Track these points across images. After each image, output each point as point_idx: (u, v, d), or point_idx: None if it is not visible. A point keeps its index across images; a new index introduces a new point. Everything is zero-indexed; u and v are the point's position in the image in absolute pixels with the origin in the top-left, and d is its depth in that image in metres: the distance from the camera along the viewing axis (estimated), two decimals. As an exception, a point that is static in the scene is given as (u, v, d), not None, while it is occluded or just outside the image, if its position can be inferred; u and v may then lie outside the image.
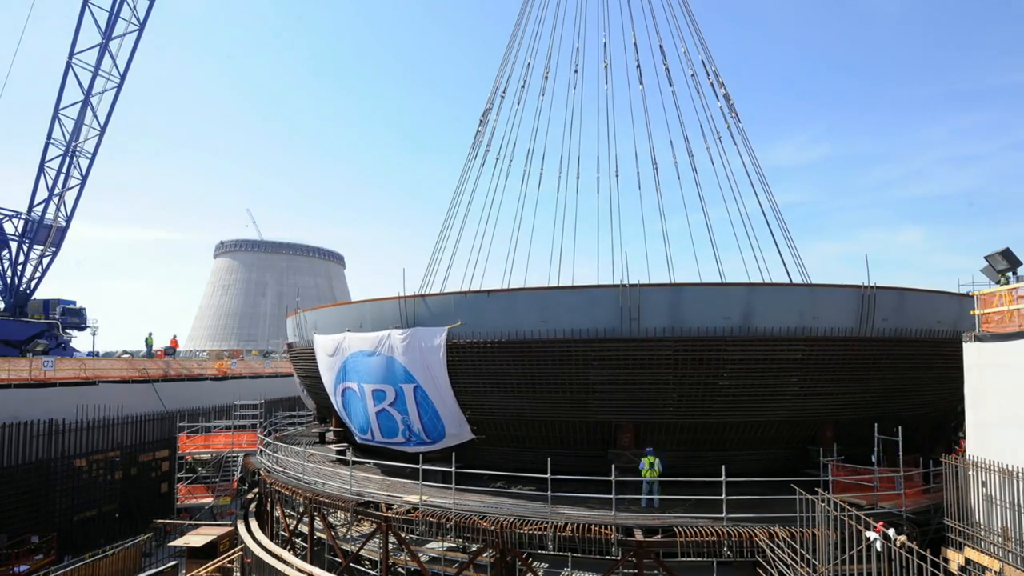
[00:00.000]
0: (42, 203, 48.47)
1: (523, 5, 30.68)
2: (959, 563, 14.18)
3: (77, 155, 47.92)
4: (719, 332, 18.14)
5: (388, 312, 21.28)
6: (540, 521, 15.90)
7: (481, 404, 20.32)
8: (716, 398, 18.80)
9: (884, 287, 19.59)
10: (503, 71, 31.03)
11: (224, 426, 39.28)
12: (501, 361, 19.46)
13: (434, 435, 21.08)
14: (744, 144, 28.90)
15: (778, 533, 14.09)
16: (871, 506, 15.85)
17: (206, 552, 27.28)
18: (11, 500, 29.86)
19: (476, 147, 31.15)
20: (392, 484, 19.90)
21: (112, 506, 35.05)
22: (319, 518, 20.27)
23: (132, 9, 45.85)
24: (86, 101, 46.78)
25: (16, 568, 27.87)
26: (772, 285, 23.80)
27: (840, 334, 18.84)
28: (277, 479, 22.04)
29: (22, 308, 49.25)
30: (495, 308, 19.90)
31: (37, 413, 32.07)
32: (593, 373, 18.73)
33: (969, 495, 14.59)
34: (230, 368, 52.88)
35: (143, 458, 37.81)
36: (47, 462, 31.87)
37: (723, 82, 29.31)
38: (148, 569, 28.49)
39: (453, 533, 16.55)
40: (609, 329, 18.44)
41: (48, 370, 35.91)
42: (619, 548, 15.28)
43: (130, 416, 37.12)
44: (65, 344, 51.62)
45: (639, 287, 18.48)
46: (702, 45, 29.29)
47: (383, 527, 18.03)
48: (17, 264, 48.64)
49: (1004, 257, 17.94)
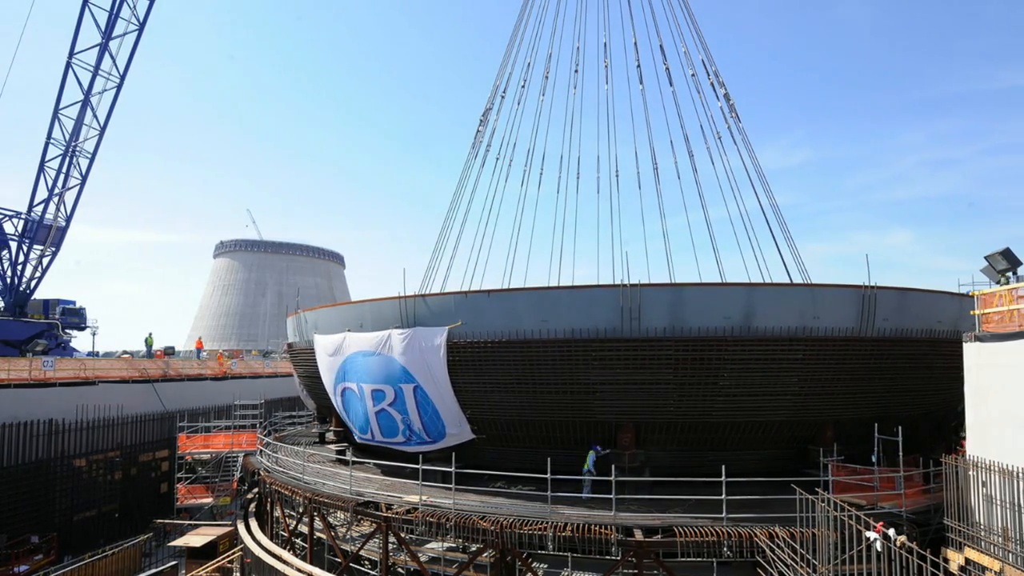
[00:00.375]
0: (42, 203, 48.46)
1: (523, 5, 30.70)
2: (959, 563, 14.17)
3: (77, 155, 47.90)
4: (719, 332, 18.13)
5: (388, 312, 21.27)
6: (540, 521, 15.90)
7: (481, 404, 20.32)
8: (716, 398, 18.79)
9: (885, 287, 19.58)
10: (503, 71, 31.06)
11: (224, 426, 39.25)
12: (501, 361, 19.45)
13: (434, 435, 21.08)
14: (744, 144, 28.94)
15: (778, 533, 14.09)
16: (871, 506, 15.85)
17: (206, 552, 27.27)
18: (11, 500, 29.85)
19: (476, 147, 31.16)
20: (392, 484, 19.90)
21: (112, 506, 35.05)
22: (319, 518, 20.26)
23: (132, 9, 45.81)
24: (86, 101, 46.75)
25: (16, 568, 27.86)
26: (772, 285, 23.80)
27: (841, 334, 18.83)
28: (277, 479, 22.03)
29: (22, 308, 49.22)
30: (495, 308, 19.89)
31: (37, 413, 32.06)
32: (593, 373, 18.72)
33: (969, 495, 14.58)
34: (230, 368, 52.86)
35: (143, 458, 37.81)
36: (47, 462, 31.86)
37: (723, 82, 29.34)
38: (148, 569, 28.48)
39: (453, 533, 16.55)
40: (609, 329, 18.44)
41: (48, 370, 35.90)
42: (619, 548, 15.29)
43: (130, 416, 37.12)
44: (65, 344, 51.61)
45: (639, 287, 18.47)
46: (702, 45, 29.32)
47: (383, 527, 18.02)
48: (17, 264, 48.63)
49: (1004, 257, 17.92)
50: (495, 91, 31.10)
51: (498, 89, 31.03)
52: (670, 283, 22.64)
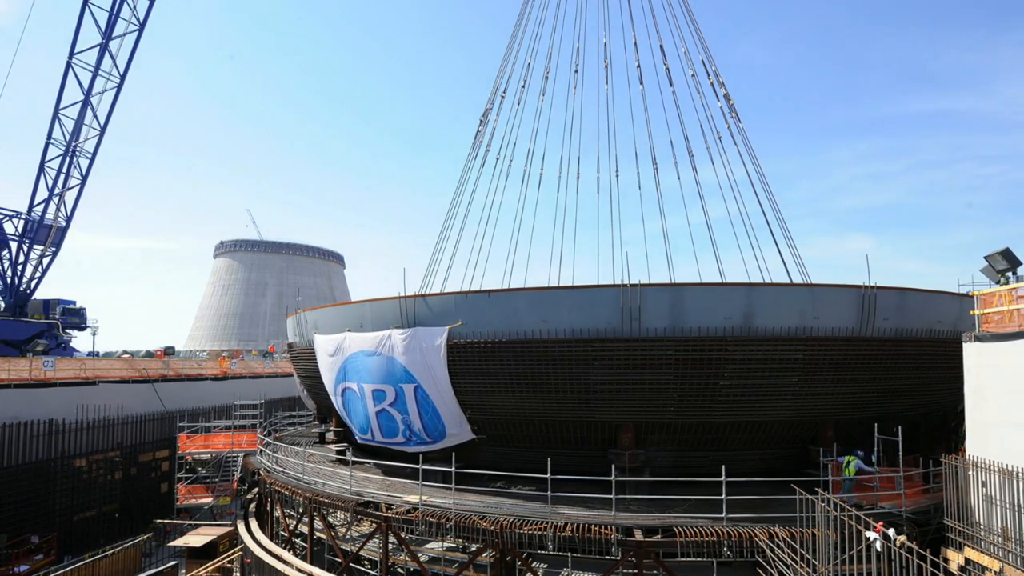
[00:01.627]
0: (42, 203, 48.53)
1: (523, 5, 30.69)
2: (959, 563, 14.16)
3: (77, 155, 47.95)
4: (720, 332, 18.12)
5: (389, 312, 21.26)
6: (540, 521, 15.89)
7: (482, 404, 20.31)
8: (717, 398, 18.78)
9: (885, 287, 19.57)
10: (503, 71, 31.05)
11: (224, 426, 39.29)
12: (502, 361, 19.44)
13: (434, 435, 21.07)
14: (744, 144, 28.93)
15: (778, 533, 14.07)
16: (871, 506, 15.85)
17: (206, 552, 27.29)
18: (11, 500, 29.86)
19: (476, 147, 31.15)
20: (392, 484, 19.89)
21: (112, 506, 35.07)
22: (319, 518, 20.27)
23: (132, 9, 45.88)
24: (86, 101, 46.81)
25: (16, 568, 27.88)
26: (773, 285, 23.77)
27: (841, 334, 18.81)
28: (277, 479, 22.03)
29: (22, 308, 49.27)
30: (496, 308, 19.88)
31: (37, 413, 32.08)
32: (594, 373, 18.71)
33: (969, 495, 14.58)
34: (230, 368, 52.87)
35: (143, 458, 37.84)
36: (47, 462, 31.88)
37: (723, 82, 29.32)
38: (148, 569, 28.49)
39: (453, 533, 16.54)
40: (610, 329, 18.43)
41: (48, 370, 35.93)
42: (619, 548, 15.28)
43: (130, 416, 37.14)
44: (65, 344, 51.64)
45: (640, 287, 18.46)
46: (702, 45, 29.31)
47: (383, 527, 18.02)
48: (17, 264, 48.66)
49: (1004, 257, 17.89)
50: (495, 91, 31.12)
51: (498, 89, 31.05)
52: (670, 283, 22.61)
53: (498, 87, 31.04)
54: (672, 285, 21.02)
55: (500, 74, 31.08)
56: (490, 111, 31.13)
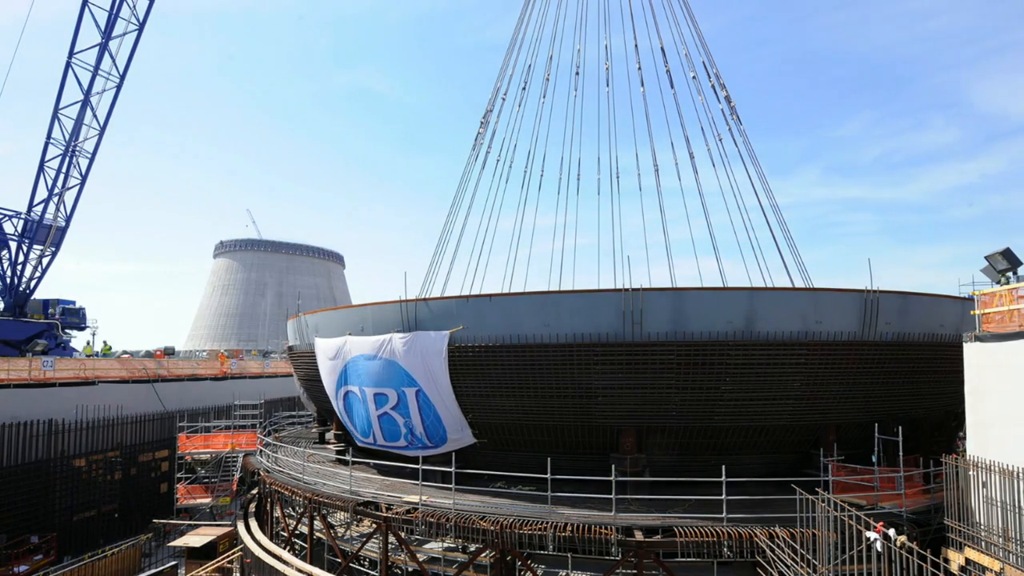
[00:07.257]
0: (42, 203, 48.41)
1: (524, 7, 30.74)
2: (959, 563, 14.21)
3: (77, 155, 47.84)
4: (722, 336, 18.11)
5: (389, 316, 21.26)
6: (540, 521, 15.91)
7: (483, 408, 20.30)
8: (719, 402, 18.77)
9: (887, 291, 19.51)
10: (504, 73, 31.08)
11: (224, 426, 39.22)
12: (503, 365, 19.42)
13: (435, 439, 21.06)
14: (745, 146, 28.97)
15: (778, 533, 14.11)
16: (871, 506, 15.88)
17: (205, 552, 27.27)
18: (11, 500, 29.82)
19: (477, 149, 31.15)
20: (392, 484, 19.91)
21: (112, 506, 35.03)
22: (319, 518, 20.28)
23: (132, 9, 45.79)
24: (86, 101, 46.71)
25: (16, 568, 27.83)
26: (775, 289, 23.74)
27: (843, 338, 18.79)
28: (277, 479, 22.03)
29: (22, 308, 49.16)
30: (497, 312, 19.85)
31: (37, 413, 32.04)
32: (595, 377, 18.69)
33: (969, 495, 14.61)
34: (230, 368, 52.82)
35: (142, 458, 37.80)
36: (47, 462, 31.83)
37: (724, 84, 29.37)
38: (148, 569, 28.47)
39: (453, 533, 16.55)
40: (611, 333, 18.40)
41: (48, 370, 35.86)
42: (619, 548, 15.30)
43: (130, 416, 37.11)
44: (64, 344, 51.53)
45: (641, 291, 18.45)
46: (703, 47, 29.36)
47: (383, 527, 18.03)
48: (17, 264, 48.57)
49: (1004, 257, 17.87)
50: (496, 93, 31.15)
51: (499, 91, 31.08)
52: (672, 287, 22.58)
53: (499, 89, 31.10)
54: (674, 289, 20.98)
55: (501, 76, 31.16)
56: (491, 113, 31.17)
